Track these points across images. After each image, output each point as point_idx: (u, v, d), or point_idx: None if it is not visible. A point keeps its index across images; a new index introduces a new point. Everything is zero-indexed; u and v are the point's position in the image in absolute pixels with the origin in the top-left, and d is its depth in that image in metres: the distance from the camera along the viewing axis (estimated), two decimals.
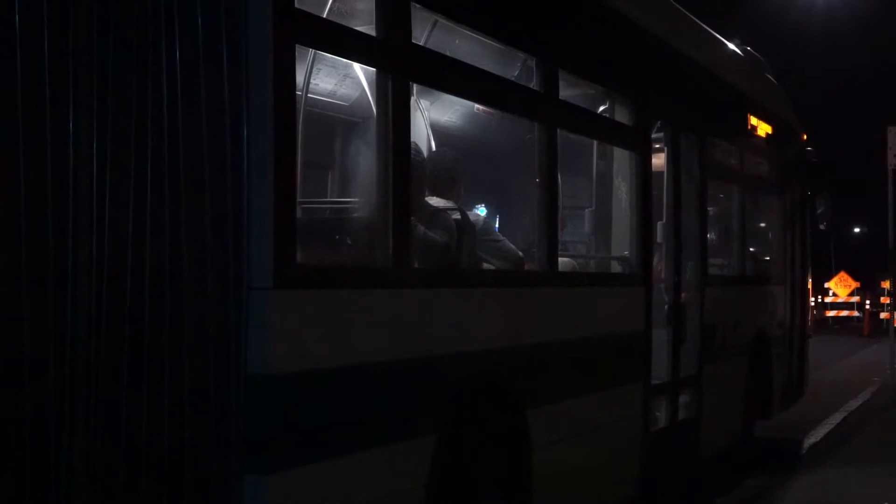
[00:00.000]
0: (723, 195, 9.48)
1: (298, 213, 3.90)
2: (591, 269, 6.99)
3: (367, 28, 4.31)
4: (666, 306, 7.50)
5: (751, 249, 10.14)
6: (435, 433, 4.51)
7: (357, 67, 5.20)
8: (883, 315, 32.03)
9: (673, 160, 7.66)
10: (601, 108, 6.88)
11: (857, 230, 67.22)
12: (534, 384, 5.42)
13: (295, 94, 3.94)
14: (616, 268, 7.01)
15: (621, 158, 7.08)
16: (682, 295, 7.71)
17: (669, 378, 7.43)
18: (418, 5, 4.51)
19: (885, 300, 32.59)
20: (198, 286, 3.55)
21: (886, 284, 31.67)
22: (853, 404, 13.64)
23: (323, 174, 6.18)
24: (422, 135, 5.98)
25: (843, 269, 38.97)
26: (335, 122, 6.10)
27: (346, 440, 3.99)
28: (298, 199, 3.94)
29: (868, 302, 36.94)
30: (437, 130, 6.32)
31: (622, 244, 7.06)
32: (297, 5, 3.80)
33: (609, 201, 7.09)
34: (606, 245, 7.03)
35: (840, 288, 37.36)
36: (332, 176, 6.22)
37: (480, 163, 6.31)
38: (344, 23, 4.18)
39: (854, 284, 37.32)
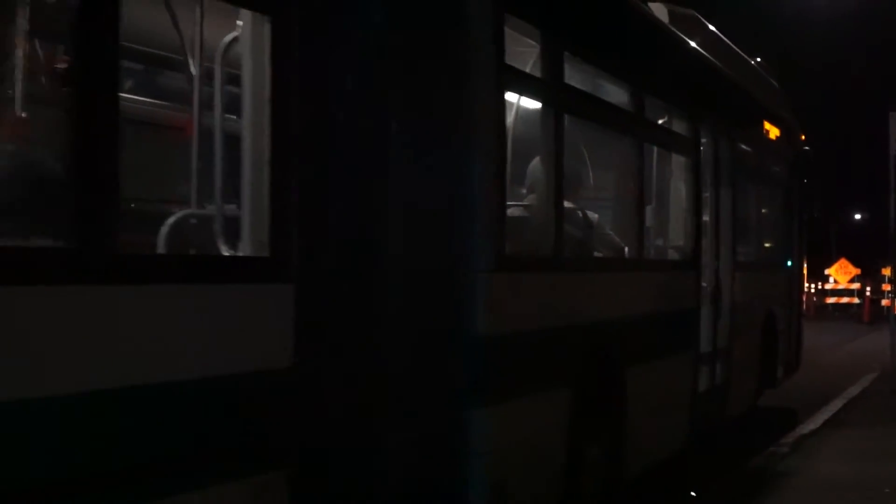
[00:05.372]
0: (744, 191, 10.88)
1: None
2: (661, 256, 8.36)
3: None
4: (708, 288, 8.90)
5: (762, 238, 11.62)
6: (572, 386, 5.87)
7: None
8: (884, 302, 31.23)
9: (713, 163, 9.05)
10: (661, 120, 8.24)
11: (858, 217, 65.03)
12: (628, 349, 6.79)
13: (505, 137, 5.23)
14: (674, 255, 8.39)
15: (675, 162, 8.46)
16: (719, 278, 9.12)
17: (710, 348, 8.83)
18: (568, 53, 5.85)
19: (886, 287, 31.59)
20: (440, 271, 4.86)
21: (887, 271, 30.76)
22: (853, 391, 13.58)
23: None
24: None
25: (844, 256, 38.40)
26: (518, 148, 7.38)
27: (527, 384, 5.33)
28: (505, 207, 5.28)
29: (868, 289, 36.28)
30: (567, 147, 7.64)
31: (676, 235, 8.45)
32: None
33: (666, 198, 8.46)
34: (664, 235, 8.40)
35: (840, 275, 37.02)
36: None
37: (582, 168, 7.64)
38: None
39: (854, 271, 37.02)
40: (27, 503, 2.76)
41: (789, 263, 12.55)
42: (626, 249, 7.05)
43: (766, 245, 11.94)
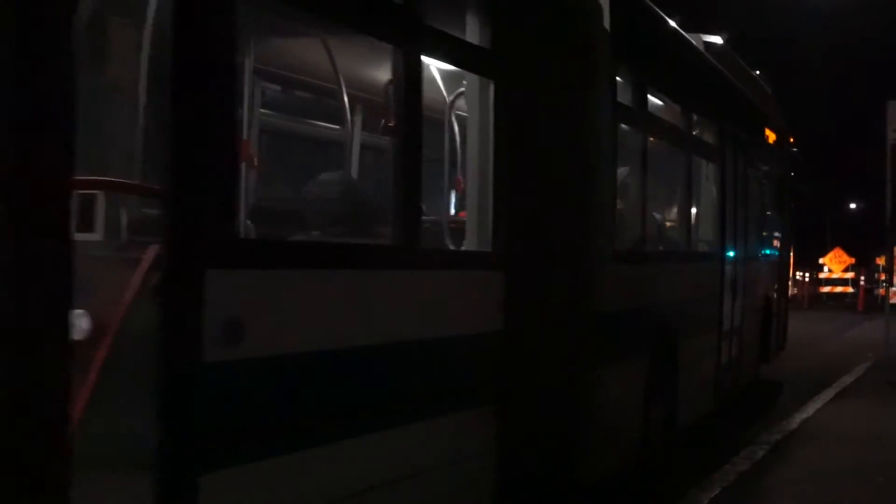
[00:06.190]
0: (751, 189, 12.43)
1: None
2: (699, 250, 9.89)
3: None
4: (727, 276, 10.43)
5: (762, 230, 13.21)
6: (647, 355, 7.37)
7: None
8: (879, 291, 31.35)
9: (732, 168, 10.59)
10: (702, 135, 9.75)
11: (853, 206, 65.06)
12: (680, 326, 8.30)
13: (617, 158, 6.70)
14: (706, 248, 9.92)
15: (709, 170, 9.99)
16: (735, 268, 10.66)
17: (729, 327, 10.37)
18: (650, 85, 7.35)
19: (881, 276, 32.12)
20: (575, 261, 6.28)
21: (881, 261, 30.88)
22: (847, 380, 13.66)
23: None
24: None
25: (839, 245, 38.30)
26: None
27: (624, 352, 6.81)
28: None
29: (863, 278, 36.17)
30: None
31: (707, 231, 9.97)
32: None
33: (701, 200, 9.99)
34: (701, 231, 9.92)
35: (835, 264, 36.93)
36: None
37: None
38: None
39: (849, 260, 36.90)
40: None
41: (780, 254, 14.21)
42: (679, 245, 8.58)
43: (764, 236, 13.53)
